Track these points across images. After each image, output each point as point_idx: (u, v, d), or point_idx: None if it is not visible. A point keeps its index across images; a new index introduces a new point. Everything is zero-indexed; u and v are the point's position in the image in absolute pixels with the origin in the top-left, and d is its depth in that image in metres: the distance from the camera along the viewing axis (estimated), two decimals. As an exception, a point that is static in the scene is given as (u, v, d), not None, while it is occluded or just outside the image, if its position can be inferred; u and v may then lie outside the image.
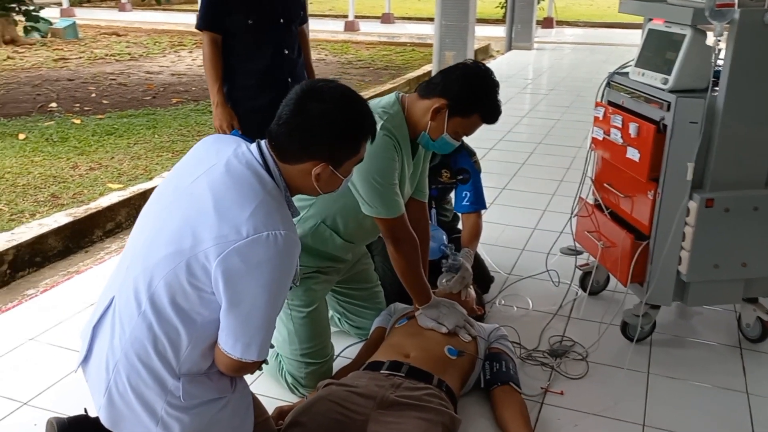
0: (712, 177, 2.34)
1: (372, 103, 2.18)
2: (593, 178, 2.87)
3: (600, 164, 2.83)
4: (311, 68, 3.19)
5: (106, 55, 10.15)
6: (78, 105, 6.83)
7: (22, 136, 5.45)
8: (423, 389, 2.03)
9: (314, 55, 10.37)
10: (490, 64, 10.11)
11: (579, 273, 3.00)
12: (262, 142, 1.64)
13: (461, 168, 2.88)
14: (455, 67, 2.20)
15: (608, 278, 3.01)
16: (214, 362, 1.62)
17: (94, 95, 7.34)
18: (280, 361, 2.32)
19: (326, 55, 10.68)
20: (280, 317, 2.28)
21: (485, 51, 10.92)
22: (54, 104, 6.79)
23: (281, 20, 2.94)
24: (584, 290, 2.98)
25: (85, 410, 1.82)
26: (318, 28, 13.53)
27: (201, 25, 2.90)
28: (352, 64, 9.84)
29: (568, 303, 2.94)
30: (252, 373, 1.70)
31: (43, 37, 11.33)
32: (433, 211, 2.92)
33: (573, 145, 5.40)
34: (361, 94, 2.12)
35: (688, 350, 2.63)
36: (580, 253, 2.97)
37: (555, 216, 3.86)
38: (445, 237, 2.70)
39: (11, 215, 3.95)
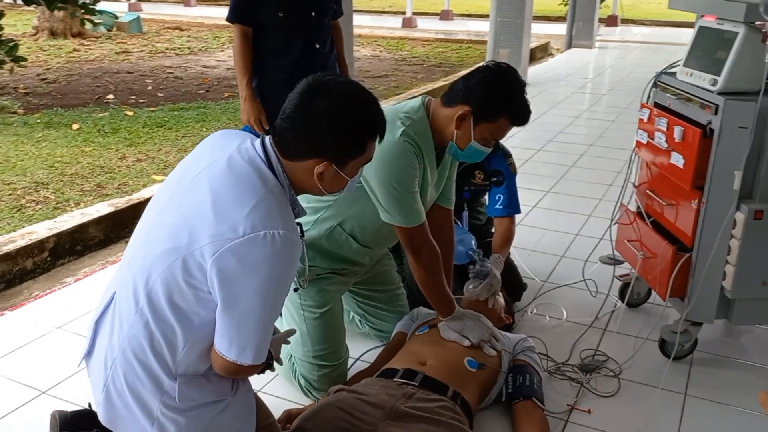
0: (762, 187, 2.17)
1: (395, 108, 2.10)
2: (636, 184, 2.71)
3: (643, 169, 2.67)
4: (344, 63, 3.12)
5: (167, 48, 10.36)
6: (134, 97, 6.97)
7: (75, 127, 5.59)
8: (436, 401, 1.94)
9: (369, 52, 10.37)
10: (548, 62, 9.88)
11: (618, 283, 2.85)
12: (267, 138, 1.58)
13: (495, 170, 2.77)
14: (476, 70, 2.09)
15: (650, 291, 2.85)
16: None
17: (150, 88, 7.48)
18: (294, 363, 2.26)
19: (381, 51, 10.62)
20: (293, 317, 2.22)
21: (544, 49, 10.66)
22: (111, 96, 6.95)
23: (313, 13, 2.89)
24: (623, 302, 2.82)
25: (89, 405, 1.81)
26: (376, 25, 13.51)
27: (231, 18, 2.87)
28: (406, 61, 9.75)
29: (604, 315, 2.79)
30: (260, 374, 1.65)
31: (108, 30, 11.68)
32: (465, 213, 2.81)
33: (626, 147, 5.12)
34: (411, 91, 2.04)
35: (731, 371, 2.45)
36: (621, 262, 2.81)
37: (600, 222, 3.69)
38: (474, 242, 2.59)
39: (57, 203, 4.04)
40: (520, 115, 2.08)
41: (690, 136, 2.24)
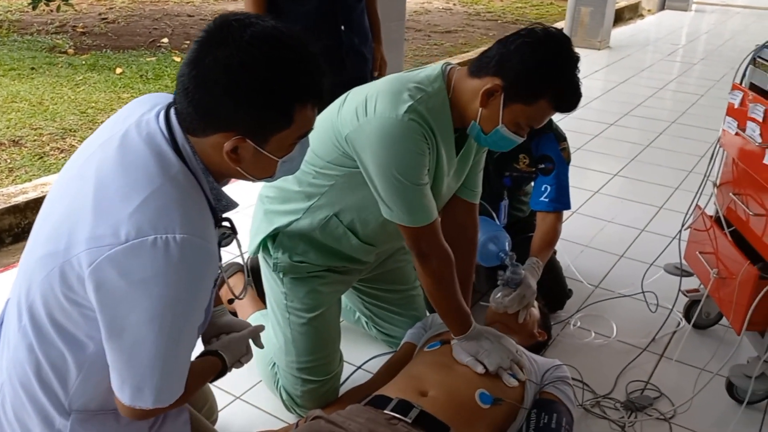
0: None
1: (406, 76, 1.67)
2: (717, 183, 2.21)
3: (728, 166, 2.16)
4: (375, 16, 2.66)
5: (235, -8, 10.05)
6: (187, 42, 6.70)
7: (119, 71, 5.37)
8: (430, 446, 1.57)
9: (441, 4, 9.77)
10: (636, 24, 9.06)
11: (684, 299, 2.37)
12: (174, 108, 1.17)
13: (544, 155, 2.30)
14: (516, 34, 1.61)
15: (722, 311, 2.36)
16: None
17: (206, 33, 7.20)
18: (276, 373, 1.93)
19: (454, 4, 9.99)
20: (277, 320, 1.88)
21: (633, 9, 9.77)
22: (165, 40, 6.71)
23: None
24: (688, 322, 2.35)
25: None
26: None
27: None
28: (480, 16, 9.12)
29: (664, 336, 2.33)
30: (214, 380, 1.35)
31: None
32: (504, 203, 2.37)
33: (715, 128, 4.52)
34: (480, 49, 1.59)
35: (818, 428, 1.97)
36: (689, 274, 2.33)
37: (672, 217, 3.17)
38: (508, 242, 2.16)
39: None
40: (567, 99, 1.60)
41: (795, 133, 1.73)
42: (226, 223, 1.28)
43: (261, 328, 1.51)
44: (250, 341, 1.47)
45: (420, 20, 8.54)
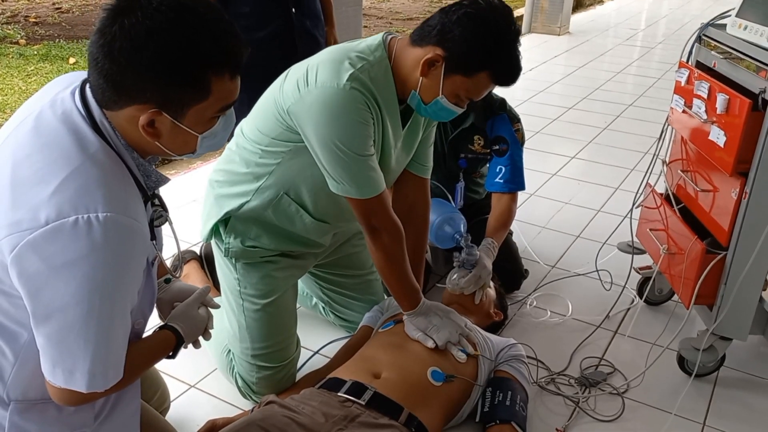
0: (826, 179, 1.70)
1: (346, 46, 1.65)
2: (666, 161, 2.24)
3: (677, 144, 2.20)
4: (326, -6, 2.64)
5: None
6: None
7: (72, 61, 5.26)
8: (383, 427, 1.57)
9: (403, -9, 9.70)
10: (596, 9, 9.14)
11: (637, 276, 2.41)
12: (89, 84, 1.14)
13: (499, 136, 2.31)
14: (459, 3, 1.60)
15: (674, 287, 2.40)
16: None
17: (165, 22, 7.09)
18: (231, 359, 1.91)
19: (417, -9, 9.98)
20: (231, 307, 1.86)
21: (594, -5, 9.86)
22: (121, 29, 6.58)
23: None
24: (641, 298, 2.39)
25: None
26: (416, -37, 12.75)
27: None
28: (443, 3, 9.11)
29: (617, 313, 2.37)
30: (171, 357, 1.32)
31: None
32: (460, 185, 2.38)
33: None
34: None
35: (765, 398, 2.02)
36: (642, 252, 2.37)
37: (627, 197, 3.20)
38: (463, 224, 2.17)
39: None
40: (507, 72, 1.60)
41: (736, 107, 1.76)
42: (157, 202, 1.26)
43: (207, 289, 1.47)
44: (205, 308, 1.43)
45: (382, 7, 8.52)
